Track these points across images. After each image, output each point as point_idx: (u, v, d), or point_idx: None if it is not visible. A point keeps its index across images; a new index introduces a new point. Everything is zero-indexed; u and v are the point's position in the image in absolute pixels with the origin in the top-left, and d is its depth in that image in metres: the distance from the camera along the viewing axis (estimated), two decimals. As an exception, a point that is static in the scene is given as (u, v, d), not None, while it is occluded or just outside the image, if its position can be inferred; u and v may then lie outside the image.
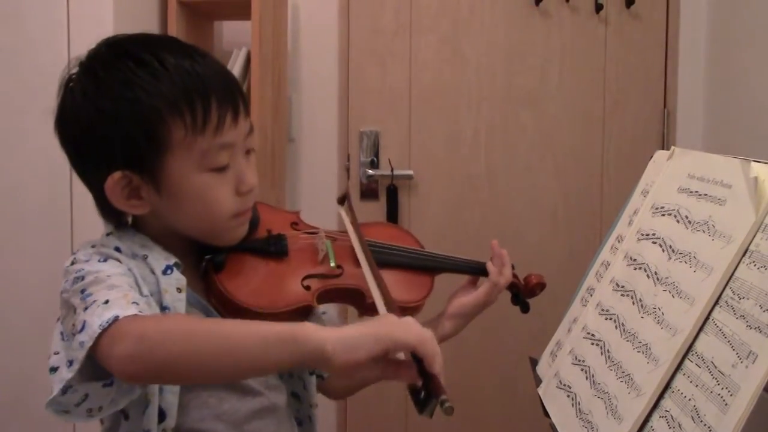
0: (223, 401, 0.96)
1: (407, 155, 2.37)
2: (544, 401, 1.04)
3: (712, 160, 0.91)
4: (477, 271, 1.21)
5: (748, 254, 0.76)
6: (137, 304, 0.82)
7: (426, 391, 0.77)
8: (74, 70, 0.93)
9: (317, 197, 2.36)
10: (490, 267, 1.19)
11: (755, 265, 0.74)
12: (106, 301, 0.80)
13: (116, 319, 0.77)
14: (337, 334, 0.76)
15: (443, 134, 2.37)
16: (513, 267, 1.22)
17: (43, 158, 1.70)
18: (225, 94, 0.91)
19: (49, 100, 0.96)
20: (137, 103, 0.87)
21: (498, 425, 2.39)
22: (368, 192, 2.37)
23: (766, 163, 0.80)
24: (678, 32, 2.34)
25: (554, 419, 0.97)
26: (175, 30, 1.97)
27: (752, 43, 2.03)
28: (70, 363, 0.79)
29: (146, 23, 1.93)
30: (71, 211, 1.71)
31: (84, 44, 0.94)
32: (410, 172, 2.35)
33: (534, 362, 1.19)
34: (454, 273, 1.20)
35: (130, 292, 0.84)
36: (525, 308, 1.24)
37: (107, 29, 1.68)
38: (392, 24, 2.35)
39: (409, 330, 0.79)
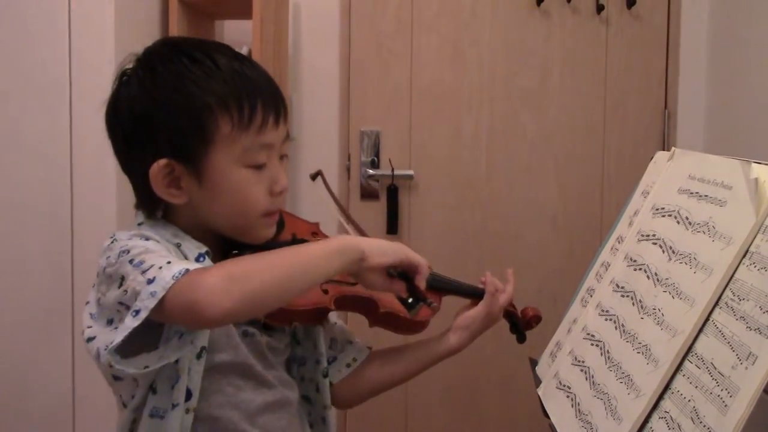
0: (240, 390, 1.00)
1: (408, 155, 2.36)
2: (543, 402, 1.04)
3: (713, 162, 0.91)
4: (477, 295, 1.21)
5: (748, 255, 0.76)
6: (200, 263, 0.88)
7: (414, 298, 1.05)
8: (130, 65, 0.99)
9: (317, 197, 2.35)
10: (488, 287, 1.20)
11: (755, 266, 0.74)
12: (169, 262, 0.84)
13: (187, 270, 0.81)
14: (370, 241, 0.97)
15: (444, 134, 2.36)
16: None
17: (44, 157, 1.70)
18: (270, 98, 0.97)
19: (50, 99, 0.96)
20: (190, 96, 0.93)
21: (497, 425, 2.39)
22: (368, 192, 2.37)
23: (766, 164, 0.80)
24: (679, 33, 2.33)
25: (554, 420, 0.97)
26: (176, 29, 1.97)
27: (753, 44, 2.03)
28: (136, 313, 0.81)
29: (147, 22, 1.93)
30: (71, 211, 1.71)
31: (85, 43, 0.96)
32: (411, 172, 2.35)
33: (534, 363, 1.19)
34: (456, 296, 1.21)
35: (187, 263, 0.86)
36: (521, 339, 1.26)
37: (108, 28, 1.68)
38: (393, 24, 2.35)
39: (415, 253, 1.01)
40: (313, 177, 1.28)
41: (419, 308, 1.08)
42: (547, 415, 1.00)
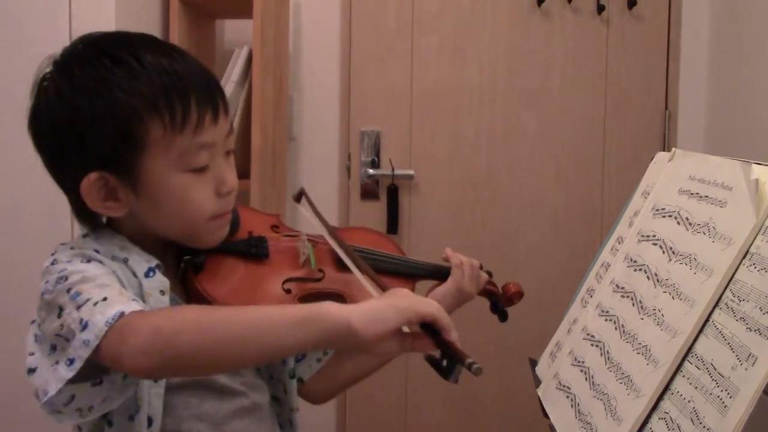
0: (203, 401, 0.96)
1: (408, 155, 2.36)
2: (543, 402, 1.04)
3: (713, 162, 0.91)
4: (444, 273, 1.18)
5: (748, 256, 0.76)
6: (136, 300, 0.81)
7: (449, 359, 0.81)
8: (48, 69, 0.91)
9: (318, 197, 2.35)
10: (453, 260, 1.17)
11: (755, 267, 0.74)
12: (104, 299, 0.78)
13: (122, 314, 0.76)
14: (359, 309, 0.79)
15: (444, 134, 2.36)
16: (491, 275, 1.22)
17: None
18: (205, 93, 0.89)
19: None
20: (114, 101, 0.85)
21: (497, 426, 2.39)
22: (369, 192, 2.37)
23: (766, 165, 0.80)
24: (680, 34, 2.34)
25: (553, 420, 0.97)
26: (176, 28, 1.97)
27: (754, 44, 2.03)
28: (71, 362, 0.77)
29: (148, 22, 1.93)
30: (71, 211, 1.71)
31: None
32: (411, 172, 2.35)
33: (533, 363, 1.19)
34: (427, 279, 1.18)
35: (123, 290, 0.83)
36: (503, 317, 1.23)
37: (109, 28, 1.67)
38: (394, 23, 2.35)
39: (427, 301, 0.84)
40: (297, 198, 1.16)
41: (458, 372, 0.81)
42: (546, 416, 1.00)
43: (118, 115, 0.85)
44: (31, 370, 0.83)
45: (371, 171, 2.35)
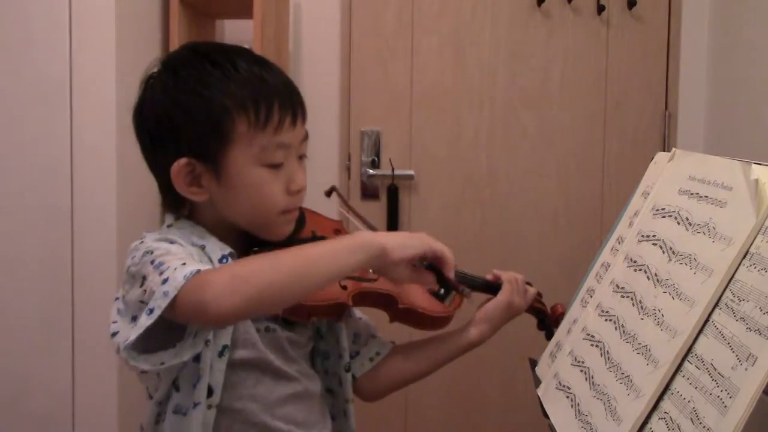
0: (259, 382, 1.03)
1: (408, 155, 2.36)
2: (543, 402, 1.04)
3: (713, 162, 0.91)
4: (494, 288, 1.22)
5: (748, 256, 0.76)
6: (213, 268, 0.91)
7: (446, 289, 1.06)
8: (155, 69, 1.03)
9: (318, 197, 2.35)
10: (504, 276, 1.23)
11: (755, 267, 0.74)
12: (183, 264, 0.86)
13: (198, 271, 0.84)
14: (391, 237, 0.96)
15: (444, 134, 2.36)
16: (540, 295, 1.28)
17: (44, 157, 1.70)
18: (287, 100, 1.01)
19: (50, 99, 0.97)
20: (209, 98, 0.97)
21: (497, 425, 2.39)
22: (369, 192, 2.37)
23: (766, 165, 0.80)
24: (680, 34, 2.34)
25: (553, 420, 0.97)
26: (176, 28, 1.97)
27: (754, 44, 2.03)
28: (150, 311, 0.84)
29: (148, 22, 1.93)
30: (72, 211, 1.71)
31: (86, 43, 0.96)
32: (411, 172, 2.35)
33: (533, 363, 1.19)
34: (477, 291, 1.20)
35: (201, 264, 0.89)
36: (549, 335, 1.26)
37: (109, 28, 1.68)
38: (394, 24, 2.35)
39: (438, 242, 1.01)
40: (328, 193, 1.29)
41: (452, 297, 1.09)
42: (546, 416, 1.00)
43: (210, 110, 0.97)
44: (114, 334, 0.91)
45: (371, 171, 2.35)
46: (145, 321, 0.84)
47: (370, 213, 2.34)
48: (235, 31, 2.36)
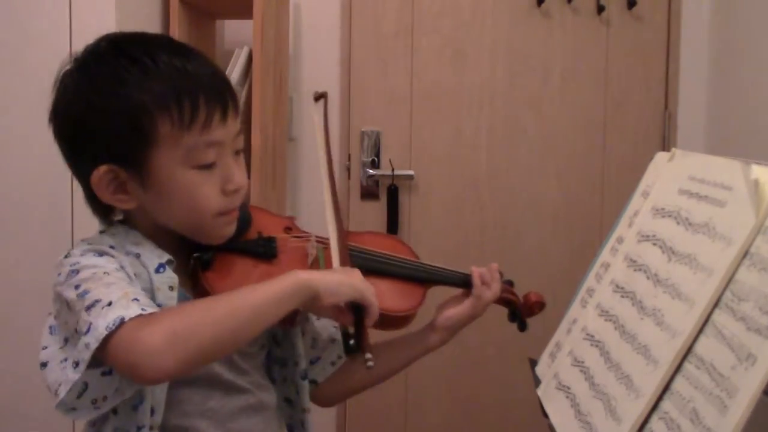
0: (208, 398, 0.98)
1: (408, 155, 2.37)
2: (543, 402, 1.04)
3: (713, 162, 0.91)
4: (465, 284, 1.16)
5: (748, 256, 0.76)
6: (138, 300, 0.82)
7: (357, 342, 0.94)
8: (69, 66, 0.95)
9: (318, 197, 2.35)
10: (475, 280, 1.14)
11: (755, 267, 0.74)
12: (110, 303, 0.81)
13: (122, 321, 0.78)
14: (325, 279, 0.91)
15: (444, 135, 2.37)
16: (512, 284, 1.22)
17: (45, 157, 1.70)
18: (214, 93, 0.92)
19: (50, 99, 0.96)
20: (126, 98, 0.89)
21: (497, 426, 2.39)
22: (369, 192, 2.38)
23: (766, 165, 0.80)
24: (679, 34, 2.34)
25: (553, 420, 0.97)
26: (176, 28, 1.97)
27: (753, 44, 2.03)
28: (76, 365, 0.81)
29: (148, 22, 1.93)
30: (72, 211, 1.71)
31: (86, 43, 0.95)
32: (411, 172, 2.35)
33: (533, 363, 1.19)
34: (443, 285, 1.17)
35: (128, 288, 0.84)
36: (522, 327, 1.22)
37: (109, 28, 1.67)
38: (394, 24, 2.35)
39: (371, 290, 0.94)
40: (317, 98, 1.21)
41: (355, 356, 0.95)
42: (546, 416, 1.00)
43: (128, 111, 0.89)
44: (43, 365, 0.87)
45: (371, 171, 2.35)
46: (73, 375, 0.81)
47: (370, 213, 2.35)
48: (234, 32, 2.36)
